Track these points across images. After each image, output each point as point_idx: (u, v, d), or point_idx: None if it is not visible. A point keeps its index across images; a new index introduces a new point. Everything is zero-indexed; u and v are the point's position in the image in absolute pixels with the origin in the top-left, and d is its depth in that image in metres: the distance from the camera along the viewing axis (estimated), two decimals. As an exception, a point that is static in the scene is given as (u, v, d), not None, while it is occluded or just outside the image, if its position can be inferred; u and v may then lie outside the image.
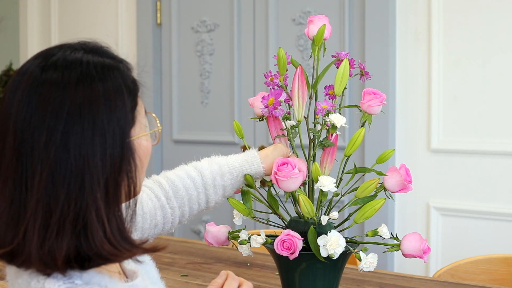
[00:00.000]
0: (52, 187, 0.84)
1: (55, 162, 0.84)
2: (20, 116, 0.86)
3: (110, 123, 0.88)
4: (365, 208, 1.29)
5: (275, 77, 1.37)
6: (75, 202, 0.84)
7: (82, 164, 0.85)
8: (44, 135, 0.85)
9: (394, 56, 2.68)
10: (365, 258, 1.28)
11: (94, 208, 0.85)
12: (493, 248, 2.47)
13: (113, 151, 0.88)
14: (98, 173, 0.86)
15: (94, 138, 0.86)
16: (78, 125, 0.86)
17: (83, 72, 0.89)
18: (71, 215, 0.84)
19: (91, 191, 0.85)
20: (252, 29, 3.08)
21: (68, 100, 0.86)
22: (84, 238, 0.85)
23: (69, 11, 3.82)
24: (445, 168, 2.61)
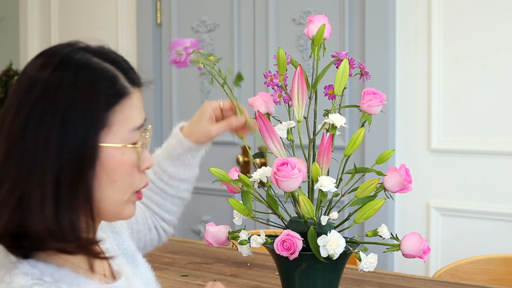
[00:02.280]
0: (6, 163, 0.87)
1: (14, 139, 0.87)
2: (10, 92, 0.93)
3: (72, 115, 0.88)
4: (365, 208, 1.29)
5: (274, 77, 1.37)
6: (22, 180, 0.86)
7: (35, 147, 0.86)
8: (12, 113, 0.89)
9: (394, 56, 2.68)
10: (365, 258, 1.28)
11: (39, 191, 0.86)
12: (493, 248, 2.47)
13: (72, 145, 0.87)
14: (50, 160, 0.86)
15: (53, 124, 0.87)
16: (41, 108, 0.87)
17: (64, 61, 0.91)
18: (17, 192, 0.86)
19: (39, 174, 0.86)
20: (252, 29, 3.08)
21: (40, 82, 0.89)
22: (23, 216, 0.86)
23: (69, 11, 3.82)
24: (445, 168, 2.61)
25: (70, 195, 0.88)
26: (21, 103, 0.88)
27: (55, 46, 0.95)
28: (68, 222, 0.87)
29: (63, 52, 0.93)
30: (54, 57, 0.92)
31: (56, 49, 0.95)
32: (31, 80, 0.90)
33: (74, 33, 3.79)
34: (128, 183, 0.95)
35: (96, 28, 3.68)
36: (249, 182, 1.33)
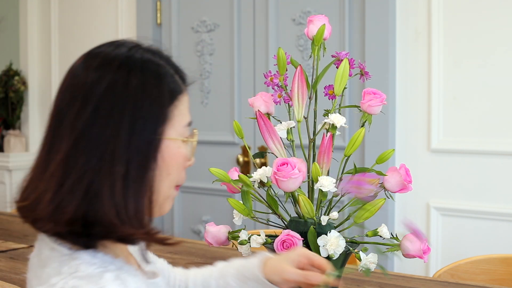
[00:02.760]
0: (74, 153, 0.90)
1: (82, 131, 0.90)
2: (62, 89, 0.96)
3: (142, 108, 0.92)
4: (365, 208, 1.29)
5: (275, 77, 1.37)
6: (91, 170, 0.89)
7: (106, 139, 0.90)
8: (78, 104, 0.91)
9: (394, 56, 2.68)
10: (365, 258, 1.28)
11: (110, 180, 0.89)
12: (493, 248, 2.47)
13: (140, 136, 0.91)
14: (122, 151, 0.90)
15: (123, 116, 0.91)
16: (111, 101, 0.91)
17: (126, 58, 0.95)
18: (85, 181, 0.89)
19: (110, 164, 0.89)
20: (252, 29, 3.08)
21: (106, 78, 0.92)
22: (93, 204, 0.89)
23: (69, 11, 3.82)
24: (445, 168, 2.61)
25: (137, 185, 0.91)
26: (87, 97, 0.91)
27: (106, 47, 0.98)
28: (135, 210, 0.91)
29: (123, 51, 0.96)
30: (114, 55, 0.95)
31: (109, 49, 0.97)
32: (94, 76, 0.93)
33: (74, 33, 3.79)
34: (178, 176, 0.99)
35: (96, 28, 3.68)
36: (249, 182, 1.33)
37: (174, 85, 0.98)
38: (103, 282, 0.87)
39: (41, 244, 0.97)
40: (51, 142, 0.93)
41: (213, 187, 3.12)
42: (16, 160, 3.92)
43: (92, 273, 0.89)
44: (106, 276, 0.89)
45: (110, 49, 0.97)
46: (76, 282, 0.87)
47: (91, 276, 0.88)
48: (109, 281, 0.88)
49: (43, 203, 0.90)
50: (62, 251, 0.93)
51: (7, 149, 3.95)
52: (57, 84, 3.44)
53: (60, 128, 0.92)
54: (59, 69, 3.89)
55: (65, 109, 0.93)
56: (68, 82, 0.96)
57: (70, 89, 0.94)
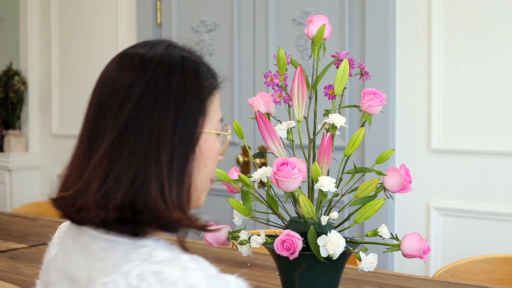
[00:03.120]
0: (118, 142, 0.92)
1: (126, 121, 0.93)
2: (102, 81, 0.99)
3: (184, 100, 0.95)
4: (365, 208, 1.29)
5: (275, 77, 1.37)
6: (138, 159, 0.92)
7: (151, 128, 0.93)
8: (120, 96, 0.94)
9: (394, 56, 2.68)
10: (365, 258, 1.28)
11: (156, 168, 0.92)
12: (493, 248, 2.47)
13: (183, 127, 0.95)
14: (166, 140, 0.93)
15: (167, 107, 0.94)
16: (154, 93, 0.94)
17: (166, 55, 0.98)
18: (132, 170, 0.92)
19: (156, 153, 0.92)
20: (252, 29, 3.08)
21: (149, 70, 0.96)
22: (140, 191, 0.91)
23: (69, 11, 3.82)
24: (445, 168, 2.61)
25: (179, 175, 0.94)
26: (130, 89, 0.94)
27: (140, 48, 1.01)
28: (178, 198, 0.94)
29: (160, 49, 1.00)
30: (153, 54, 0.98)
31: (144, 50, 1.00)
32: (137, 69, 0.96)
33: (74, 33, 3.79)
34: (212, 169, 1.03)
35: (96, 28, 3.68)
36: (249, 182, 1.33)
37: (210, 81, 1.01)
38: (184, 263, 0.88)
39: (83, 238, 0.97)
40: (93, 134, 0.95)
41: (213, 187, 3.10)
42: (16, 160, 3.92)
43: (168, 256, 0.90)
44: (183, 257, 0.89)
45: (145, 49, 1.00)
46: (156, 266, 0.87)
47: (169, 259, 0.89)
48: (187, 261, 0.89)
49: (90, 192, 0.92)
50: (123, 241, 0.93)
51: (7, 149, 3.95)
52: (57, 84, 3.44)
53: (103, 121, 0.94)
54: (59, 69, 3.89)
55: (106, 103, 0.95)
56: (106, 80, 0.98)
57: (110, 85, 0.97)
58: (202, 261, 0.90)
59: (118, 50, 3.55)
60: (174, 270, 0.86)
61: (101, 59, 3.63)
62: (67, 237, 1.02)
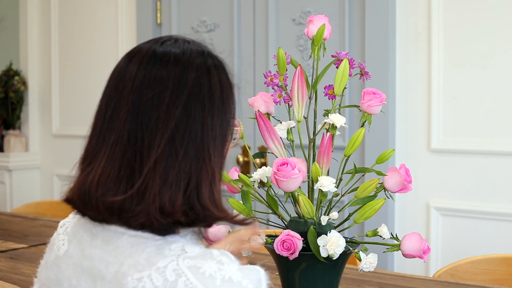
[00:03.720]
0: (171, 146, 0.92)
1: (176, 125, 0.93)
2: (138, 81, 0.95)
3: (223, 102, 0.98)
4: (365, 208, 1.29)
5: (274, 77, 1.37)
6: (191, 162, 0.93)
7: (201, 130, 0.94)
8: (166, 100, 0.93)
9: (394, 56, 2.68)
10: (365, 258, 1.28)
11: (209, 171, 0.94)
12: (493, 248, 2.47)
13: (225, 127, 0.98)
14: (212, 144, 0.95)
15: (212, 110, 0.96)
16: (199, 96, 0.95)
17: (200, 56, 1.00)
18: (187, 173, 0.93)
19: (208, 155, 0.94)
20: (252, 29, 3.08)
21: (190, 75, 0.96)
22: (194, 195, 0.93)
23: (69, 11, 3.82)
24: (445, 168, 2.61)
25: (220, 172, 0.98)
26: (176, 92, 0.94)
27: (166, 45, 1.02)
28: (219, 197, 0.97)
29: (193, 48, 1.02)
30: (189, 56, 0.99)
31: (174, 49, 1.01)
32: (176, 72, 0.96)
33: (74, 33, 3.79)
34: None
35: (96, 28, 3.68)
36: (249, 182, 1.33)
37: (232, 79, 1.03)
38: (217, 257, 0.90)
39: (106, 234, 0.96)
40: (138, 136, 0.93)
41: (213, 187, 3.12)
42: (16, 160, 3.92)
43: (200, 251, 0.91)
44: (214, 252, 0.91)
45: (176, 49, 1.00)
46: (191, 261, 0.89)
47: (202, 254, 0.91)
48: (219, 255, 0.90)
49: (149, 197, 0.91)
50: (152, 237, 0.94)
51: (7, 149, 3.95)
52: (57, 84, 3.44)
53: (149, 123, 0.93)
54: (59, 69, 3.89)
55: (149, 104, 0.94)
56: (141, 80, 0.96)
57: (150, 87, 0.95)
58: (230, 255, 0.92)
59: (118, 50, 3.55)
60: (209, 264, 0.89)
61: (101, 59, 3.63)
62: (81, 233, 1.01)
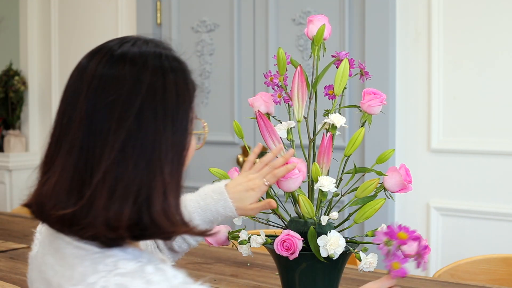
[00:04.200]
0: (121, 158, 0.90)
1: (127, 136, 0.90)
2: (93, 86, 0.92)
3: (178, 110, 0.94)
4: (365, 208, 1.29)
5: (274, 77, 1.37)
6: (141, 174, 0.90)
7: (152, 141, 0.91)
8: (118, 109, 0.91)
9: (394, 56, 2.68)
10: (365, 258, 1.28)
11: (161, 183, 0.91)
12: (493, 248, 2.47)
13: (180, 135, 0.94)
14: (167, 152, 0.92)
15: (165, 118, 0.92)
16: (152, 105, 0.92)
17: (157, 59, 0.96)
18: (136, 186, 0.90)
19: (160, 167, 0.91)
20: (252, 29, 3.08)
21: (145, 81, 0.92)
22: (145, 208, 0.90)
23: (69, 11, 3.82)
24: (445, 168, 2.61)
25: (178, 183, 0.94)
26: (128, 102, 0.91)
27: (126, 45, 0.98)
28: (176, 208, 0.94)
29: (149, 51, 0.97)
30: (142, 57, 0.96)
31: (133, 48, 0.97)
32: (131, 79, 0.92)
33: (74, 33, 3.79)
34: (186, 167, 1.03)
35: (96, 28, 3.68)
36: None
37: (195, 83, 1.01)
38: (148, 276, 0.88)
39: (57, 242, 0.96)
40: (88, 149, 0.91)
41: (213, 187, 3.11)
42: (16, 160, 3.92)
43: (133, 268, 0.89)
44: (147, 269, 0.89)
45: (135, 48, 0.96)
46: (120, 279, 0.87)
47: (133, 271, 0.88)
48: (152, 273, 0.88)
49: (96, 211, 0.89)
50: (91, 249, 0.92)
51: (7, 149, 3.95)
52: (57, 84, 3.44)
53: (99, 136, 0.91)
54: (59, 69, 3.89)
55: (101, 115, 0.91)
56: (96, 86, 0.93)
57: (104, 94, 0.92)
58: (168, 271, 0.90)
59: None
60: (136, 283, 0.86)
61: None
62: (45, 236, 1.02)
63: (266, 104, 1.40)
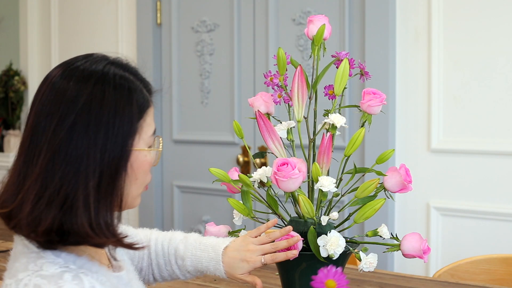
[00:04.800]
0: (51, 167, 0.97)
1: (59, 146, 0.98)
2: (41, 101, 1.02)
3: (114, 125, 1.00)
4: (365, 208, 1.29)
5: (274, 77, 1.37)
6: (67, 184, 0.97)
7: (81, 154, 0.98)
8: (55, 120, 0.99)
9: (394, 56, 2.68)
10: (365, 258, 1.28)
11: (84, 193, 0.97)
12: (493, 248, 2.47)
13: (112, 151, 1.00)
14: (95, 165, 0.98)
15: (97, 134, 0.99)
16: (86, 119, 0.99)
17: (102, 76, 1.02)
18: (62, 194, 0.97)
19: (84, 178, 0.98)
20: (252, 29, 3.08)
21: (83, 96, 1.00)
22: (68, 216, 0.97)
23: (69, 11, 3.82)
24: (445, 168, 2.61)
25: (108, 195, 1.00)
26: (64, 114, 0.99)
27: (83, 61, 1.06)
28: (107, 220, 1.00)
29: (99, 67, 1.04)
30: (91, 71, 1.03)
31: (86, 63, 1.05)
32: (71, 92, 1.00)
33: (74, 33, 3.79)
34: (144, 179, 1.09)
35: (96, 28, 3.68)
36: (249, 182, 1.33)
37: (143, 100, 1.05)
38: (62, 282, 0.95)
39: (17, 239, 1.06)
40: (29, 154, 1.00)
41: (213, 187, 3.12)
42: (16, 160, 3.92)
43: (54, 272, 0.97)
44: (65, 276, 0.96)
45: (87, 64, 1.04)
46: (39, 280, 0.95)
47: (51, 275, 0.96)
48: (67, 281, 0.95)
49: (23, 213, 0.97)
50: (32, 248, 1.01)
51: (7, 149, 3.95)
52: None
53: (39, 143, 0.99)
54: (59, 69, 3.89)
55: (43, 124, 0.99)
56: (47, 95, 1.02)
57: (49, 104, 1.01)
58: (85, 282, 0.97)
59: (118, 50, 3.55)
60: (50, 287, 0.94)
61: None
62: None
63: (266, 104, 1.40)
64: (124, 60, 1.09)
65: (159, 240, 1.42)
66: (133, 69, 1.09)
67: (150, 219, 3.36)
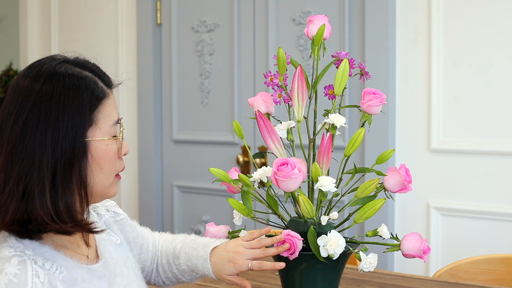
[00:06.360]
0: (10, 162, 1.07)
1: (15, 143, 1.07)
2: (5, 101, 1.12)
3: (63, 119, 1.08)
4: (365, 208, 1.29)
5: (274, 77, 1.37)
6: (25, 176, 1.06)
7: (35, 148, 1.06)
8: (12, 119, 1.08)
9: (394, 56, 2.68)
10: (365, 258, 1.28)
11: (40, 184, 1.06)
12: (493, 248, 2.47)
13: (64, 143, 1.08)
14: (48, 157, 1.06)
15: (47, 128, 1.07)
16: (37, 115, 1.07)
17: (52, 73, 1.11)
18: (21, 186, 1.06)
19: (39, 170, 1.06)
20: (252, 29, 3.08)
21: (34, 93, 1.09)
22: (29, 206, 1.06)
23: (69, 11, 3.82)
24: (445, 168, 2.61)
25: (65, 183, 1.08)
26: (19, 112, 1.08)
27: (42, 61, 1.14)
28: (64, 206, 1.08)
29: (50, 65, 1.12)
30: (43, 70, 1.11)
31: (43, 63, 1.13)
32: (25, 91, 1.09)
33: (74, 33, 3.79)
34: (112, 168, 1.16)
35: (96, 28, 3.69)
36: (249, 182, 1.33)
37: (98, 92, 1.13)
38: (7, 265, 1.03)
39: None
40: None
41: (213, 187, 3.12)
42: (16, 160, 3.92)
43: (5, 255, 1.05)
44: (13, 260, 1.04)
45: (45, 65, 1.12)
46: None
47: (3, 258, 1.05)
48: (12, 265, 1.03)
49: None
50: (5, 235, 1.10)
51: (7, 149, 3.95)
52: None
53: (1, 141, 1.08)
54: (59, 69, 3.89)
55: (4, 123, 1.09)
56: (9, 95, 1.11)
57: (9, 104, 1.10)
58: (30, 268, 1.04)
59: (118, 50, 3.56)
60: None
61: (101, 59, 3.62)
62: None
63: (266, 104, 1.40)
64: (82, 58, 1.17)
65: (165, 241, 1.46)
66: (91, 66, 1.17)
67: (150, 219, 3.36)
